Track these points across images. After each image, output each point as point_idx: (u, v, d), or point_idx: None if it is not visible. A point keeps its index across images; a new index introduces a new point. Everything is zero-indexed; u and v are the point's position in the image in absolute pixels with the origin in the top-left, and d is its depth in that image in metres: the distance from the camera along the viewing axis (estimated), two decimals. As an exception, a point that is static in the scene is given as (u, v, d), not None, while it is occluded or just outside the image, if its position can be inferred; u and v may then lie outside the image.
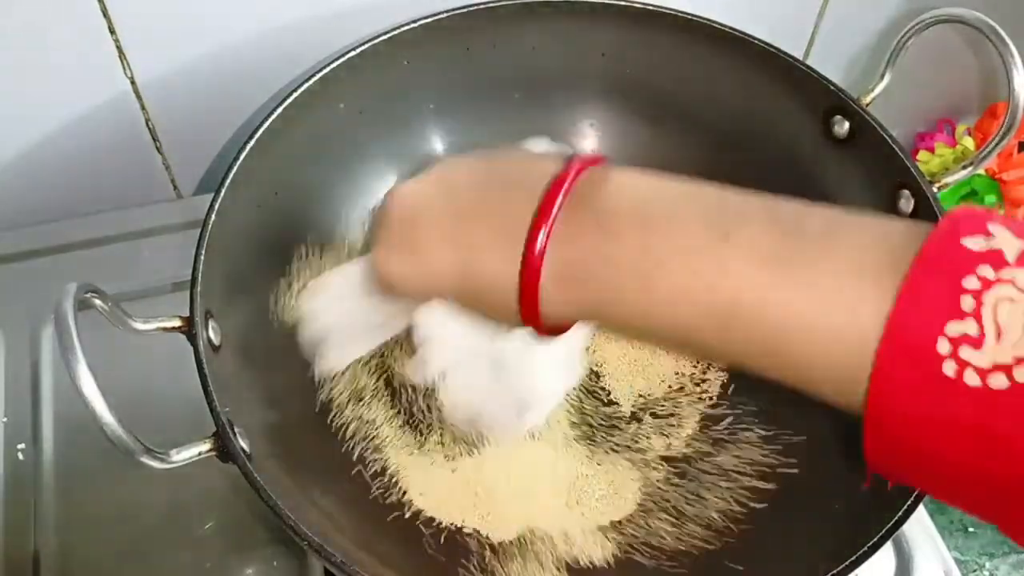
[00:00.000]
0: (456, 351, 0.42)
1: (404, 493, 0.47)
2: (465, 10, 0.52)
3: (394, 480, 0.48)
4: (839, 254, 0.27)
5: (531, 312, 0.33)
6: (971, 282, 0.24)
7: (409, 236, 0.36)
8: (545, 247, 0.32)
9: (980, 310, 0.24)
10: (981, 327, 0.23)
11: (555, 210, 0.32)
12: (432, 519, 0.47)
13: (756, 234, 0.29)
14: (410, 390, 0.51)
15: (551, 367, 0.44)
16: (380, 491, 0.47)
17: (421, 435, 0.49)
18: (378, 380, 0.51)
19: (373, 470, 0.48)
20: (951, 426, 0.24)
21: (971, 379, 0.23)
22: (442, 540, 0.46)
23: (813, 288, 0.27)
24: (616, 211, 0.32)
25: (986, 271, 0.24)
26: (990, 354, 0.23)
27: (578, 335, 0.37)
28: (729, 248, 0.29)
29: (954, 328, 0.24)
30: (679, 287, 0.30)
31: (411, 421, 0.50)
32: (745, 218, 0.30)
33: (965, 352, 0.24)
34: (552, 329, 0.35)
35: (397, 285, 0.37)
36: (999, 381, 0.23)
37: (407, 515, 0.47)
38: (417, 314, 0.40)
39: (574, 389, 0.51)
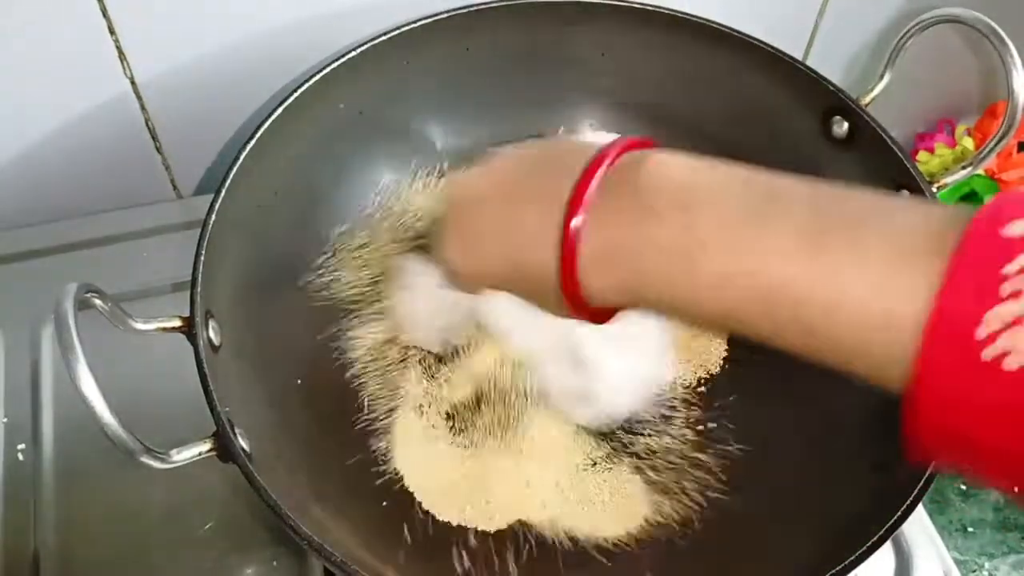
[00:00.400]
0: (527, 339, 0.44)
1: (406, 491, 0.47)
2: (465, 10, 0.52)
3: (396, 479, 0.48)
4: (881, 237, 0.27)
5: (573, 296, 0.34)
6: (1012, 268, 0.24)
7: (462, 227, 0.38)
8: (580, 229, 0.32)
9: (1020, 296, 0.24)
10: (1021, 313, 0.24)
11: (590, 191, 0.32)
12: (433, 517, 0.47)
13: (797, 216, 0.29)
14: (426, 382, 0.51)
15: (626, 369, 0.45)
16: (381, 490, 0.47)
17: (428, 426, 0.49)
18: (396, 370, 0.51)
19: (374, 468, 0.48)
20: (991, 410, 0.24)
21: (1010, 364, 0.24)
22: (443, 539, 0.46)
23: (855, 271, 0.27)
24: (657, 191, 0.32)
25: None
26: None
27: (657, 337, 0.39)
28: (770, 230, 0.29)
29: (993, 314, 0.24)
30: (721, 269, 0.30)
31: (418, 410, 0.50)
32: (786, 200, 0.30)
33: (1004, 338, 0.24)
34: (597, 314, 0.35)
35: (457, 273, 0.39)
36: None
37: (408, 514, 0.47)
38: (483, 303, 0.42)
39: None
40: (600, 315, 0.35)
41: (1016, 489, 0.26)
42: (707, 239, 0.30)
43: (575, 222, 0.32)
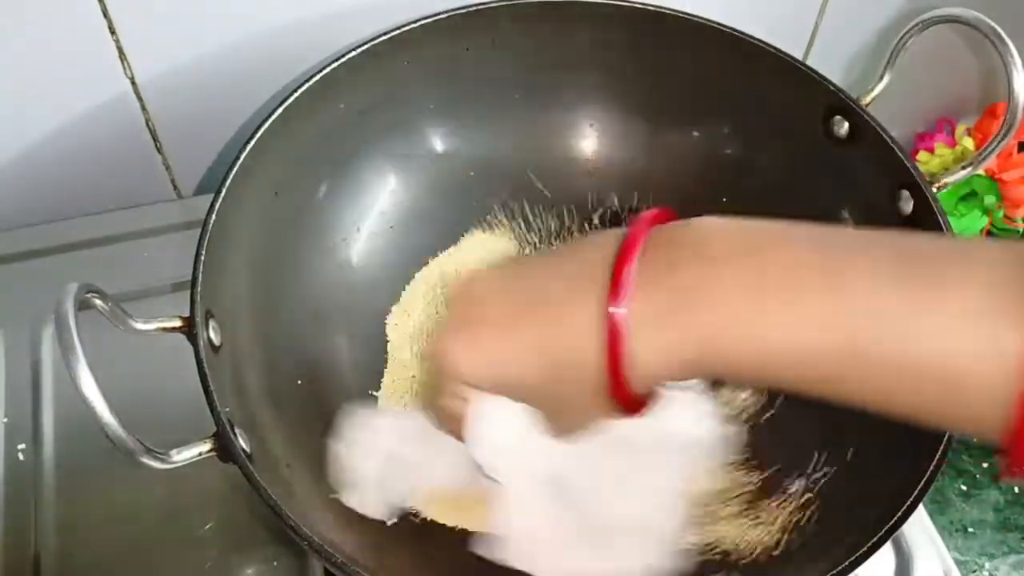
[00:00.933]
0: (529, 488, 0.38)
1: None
2: (465, 10, 0.52)
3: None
4: (970, 275, 0.26)
5: (616, 375, 0.31)
6: None
7: (478, 316, 0.34)
8: (631, 286, 0.30)
9: None
10: None
11: (633, 258, 0.30)
12: (434, 518, 0.47)
13: (877, 258, 0.28)
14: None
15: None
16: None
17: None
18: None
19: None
20: None
21: None
22: (445, 539, 0.46)
23: (949, 311, 0.26)
24: (710, 243, 0.30)
25: None
26: None
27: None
28: (852, 271, 0.27)
29: None
30: (803, 308, 0.28)
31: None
32: (859, 245, 0.28)
33: None
34: (635, 402, 0.32)
35: (467, 371, 0.34)
36: None
37: (410, 513, 0.47)
38: (474, 448, 0.36)
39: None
40: (637, 403, 0.33)
41: None
42: (782, 279, 0.28)
43: (625, 279, 0.30)
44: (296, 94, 0.47)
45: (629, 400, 0.32)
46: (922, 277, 0.27)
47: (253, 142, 0.45)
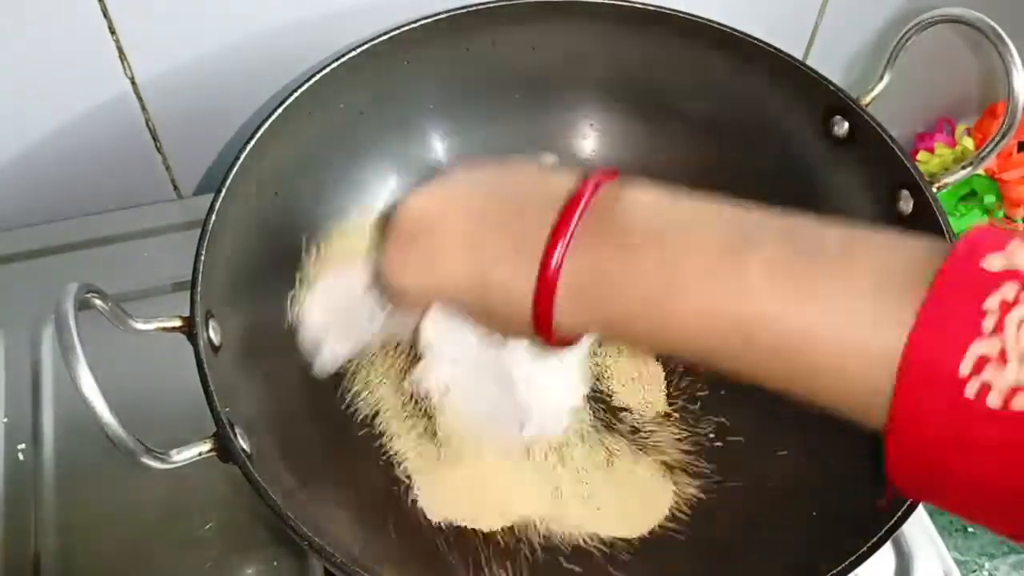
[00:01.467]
0: (461, 362, 0.43)
1: (407, 491, 0.47)
2: (465, 10, 0.52)
3: (397, 480, 0.48)
4: (859, 272, 0.27)
5: (544, 326, 0.34)
6: (992, 302, 0.24)
7: (423, 245, 0.37)
8: (562, 261, 0.32)
9: (1002, 331, 0.23)
10: (1003, 348, 0.23)
11: (572, 225, 0.32)
12: (432, 518, 0.47)
13: (774, 252, 0.29)
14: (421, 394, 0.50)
15: (556, 380, 0.45)
16: (382, 490, 0.47)
17: (429, 437, 0.49)
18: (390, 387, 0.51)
19: (376, 469, 0.48)
20: (974, 447, 0.24)
21: (993, 400, 0.23)
22: (444, 539, 0.46)
23: (833, 308, 0.27)
24: (632, 227, 0.32)
25: (1007, 291, 0.24)
26: (1013, 375, 0.23)
27: (582, 347, 0.38)
28: (747, 266, 0.29)
29: (976, 349, 0.23)
30: (696, 304, 0.30)
31: (417, 426, 0.50)
32: (763, 235, 0.30)
33: (987, 373, 0.23)
34: (562, 341, 0.35)
35: (408, 294, 0.38)
36: (1021, 402, 0.23)
37: (410, 514, 0.47)
38: (423, 320, 0.41)
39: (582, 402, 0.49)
40: (562, 343, 0.35)
41: (1003, 527, 0.26)
42: (684, 274, 0.30)
43: (556, 256, 0.32)
44: (296, 94, 0.47)
45: (553, 340, 0.35)
46: (813, 274, 0.28)
47: (253, 142, 0.45)
